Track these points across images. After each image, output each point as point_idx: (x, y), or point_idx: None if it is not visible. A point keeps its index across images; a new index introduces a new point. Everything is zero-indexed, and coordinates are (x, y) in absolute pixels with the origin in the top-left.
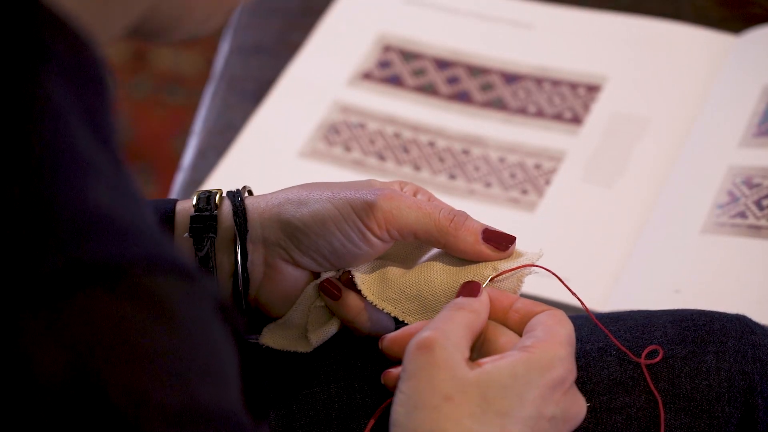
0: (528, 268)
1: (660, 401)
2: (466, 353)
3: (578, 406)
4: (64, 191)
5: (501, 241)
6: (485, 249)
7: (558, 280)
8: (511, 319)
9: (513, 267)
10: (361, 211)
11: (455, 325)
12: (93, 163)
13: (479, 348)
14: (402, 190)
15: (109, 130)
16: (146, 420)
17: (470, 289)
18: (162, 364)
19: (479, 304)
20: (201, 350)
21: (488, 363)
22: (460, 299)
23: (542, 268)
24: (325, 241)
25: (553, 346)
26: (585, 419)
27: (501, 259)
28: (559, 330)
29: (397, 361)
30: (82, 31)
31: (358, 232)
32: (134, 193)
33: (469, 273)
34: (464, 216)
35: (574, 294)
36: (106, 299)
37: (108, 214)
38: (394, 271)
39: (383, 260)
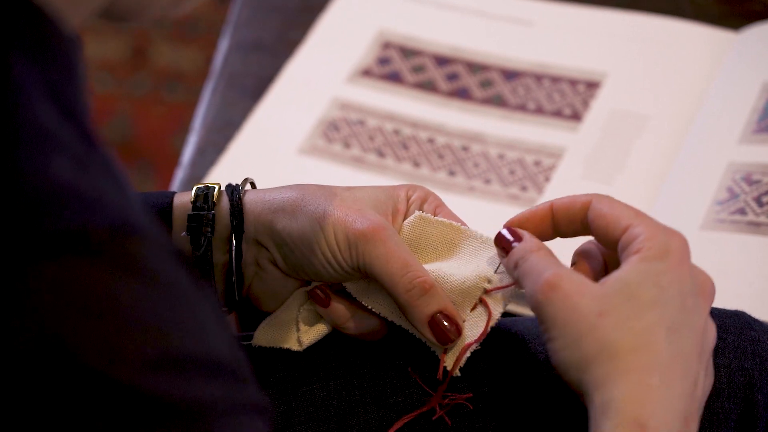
0: (515, 288)
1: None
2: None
3: (705, 276)
4: (26, 165)
5: (442, 335)
6: (428, 333)
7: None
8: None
9: (504, 285)
10: (342, 241)
11: (546, 260)
12: (55, 138)
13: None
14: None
15: (77, 106)
16: (123, 372)
17: (506, 240)
18: (134, 317)
19: (530, 242)
20: (175, 301)
21: (611, 276)
22: (521, 249)
23: None
24: (306, 260)
25: (655, 238)
26: (586, 414)
27: (447, 344)
28: (643, 229)
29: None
30: (49, 11)
31: (334, 261)
32: (102, 166)
33: (464, 281)
34: (423, 290)
35: None
36: (71, 265)
37: (71, 185)
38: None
39: None
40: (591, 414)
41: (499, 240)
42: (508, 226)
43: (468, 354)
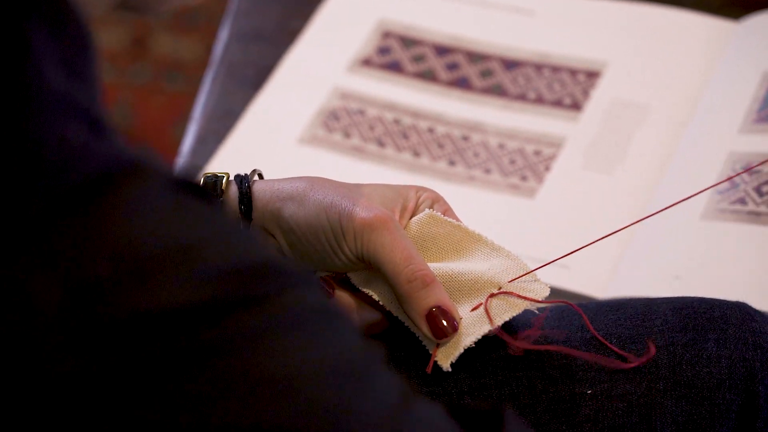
0: (527, 300)
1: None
2: None
3: None
4: (45, 129)
5: (437, 330)
6: (424, 326)
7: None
8: None
9: (518, 293)
10: (349, 230)
11: None
12: (71, 104)
13: None
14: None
15: (91, 82)
16: (168, 297)
17: None
18: (161, 244)
19: None
20: (197, 218)
21: None
22: None
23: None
24: (312, 248)
25: None
26: (587, 406)
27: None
28: None
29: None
30: None
31: (339, 250)
32: (113, 131)
33: (468, 282)
34: (424, 283)
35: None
36: (94, 214)
37: (87, 146)
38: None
39: None
40: None
41: None
42: None
43: (461, 350)
